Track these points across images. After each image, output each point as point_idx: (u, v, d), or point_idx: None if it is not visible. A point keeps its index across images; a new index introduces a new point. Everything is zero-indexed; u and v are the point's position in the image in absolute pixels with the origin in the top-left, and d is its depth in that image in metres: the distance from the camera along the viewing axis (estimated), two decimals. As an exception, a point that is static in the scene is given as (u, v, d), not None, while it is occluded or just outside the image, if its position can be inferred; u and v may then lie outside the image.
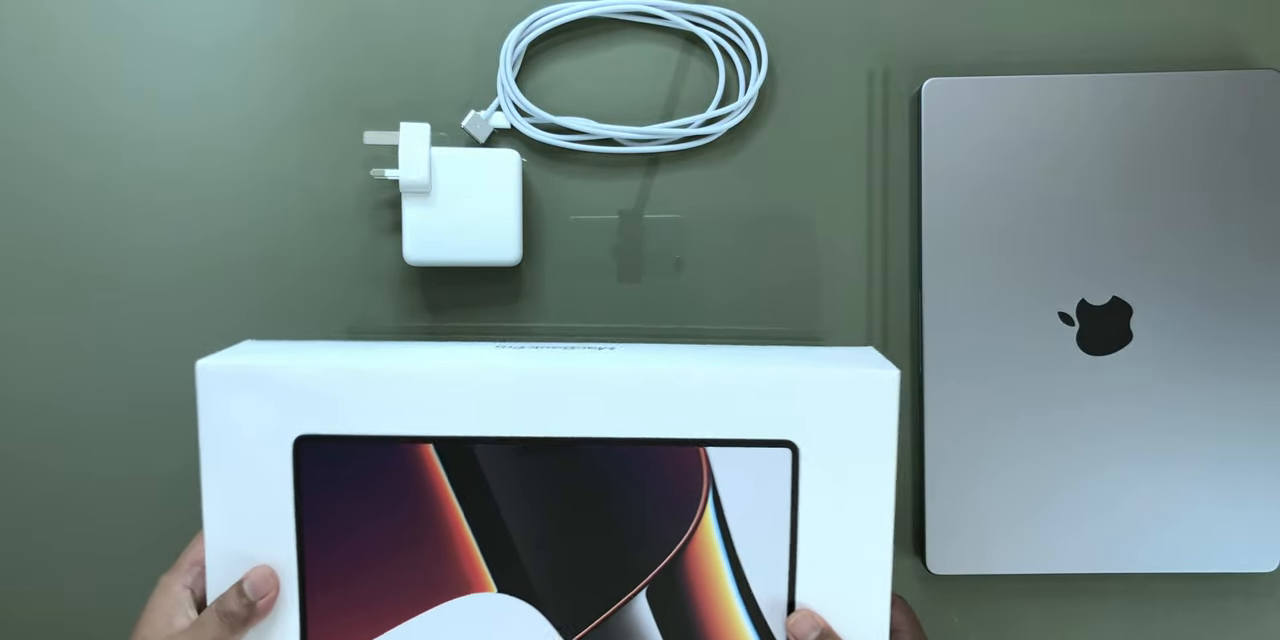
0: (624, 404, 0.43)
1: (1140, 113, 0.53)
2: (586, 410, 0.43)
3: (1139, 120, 0.53)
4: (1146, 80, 0.53)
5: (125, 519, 0.55)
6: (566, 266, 0.55)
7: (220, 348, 0.45)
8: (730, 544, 0.44)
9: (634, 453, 0.43)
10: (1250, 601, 0.56)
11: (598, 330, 0.55)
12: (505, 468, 0.43)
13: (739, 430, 0.43)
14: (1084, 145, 0.52)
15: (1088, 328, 0.53)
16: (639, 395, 0.43)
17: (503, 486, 0.43)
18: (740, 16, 0.54)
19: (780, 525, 0.44)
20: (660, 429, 0.43)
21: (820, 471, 0.43)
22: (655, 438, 0.43)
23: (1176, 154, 0.52)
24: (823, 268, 0.55)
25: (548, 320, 0.55)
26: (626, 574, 0.44)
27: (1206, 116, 0.52)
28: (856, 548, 0.43)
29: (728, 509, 0.44)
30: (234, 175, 0.55)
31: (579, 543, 0.44)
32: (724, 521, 0.44)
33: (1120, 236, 0.53)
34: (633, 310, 0.55)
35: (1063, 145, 0.52)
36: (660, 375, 0.43)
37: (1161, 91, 0.52)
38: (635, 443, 0.43)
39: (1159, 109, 0.52)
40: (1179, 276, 0.53)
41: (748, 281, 0.55)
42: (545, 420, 0.43)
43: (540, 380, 0.43)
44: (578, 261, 0.55)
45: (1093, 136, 0.52)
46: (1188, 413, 0.53)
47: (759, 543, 0.44)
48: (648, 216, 0.55)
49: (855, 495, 0.43)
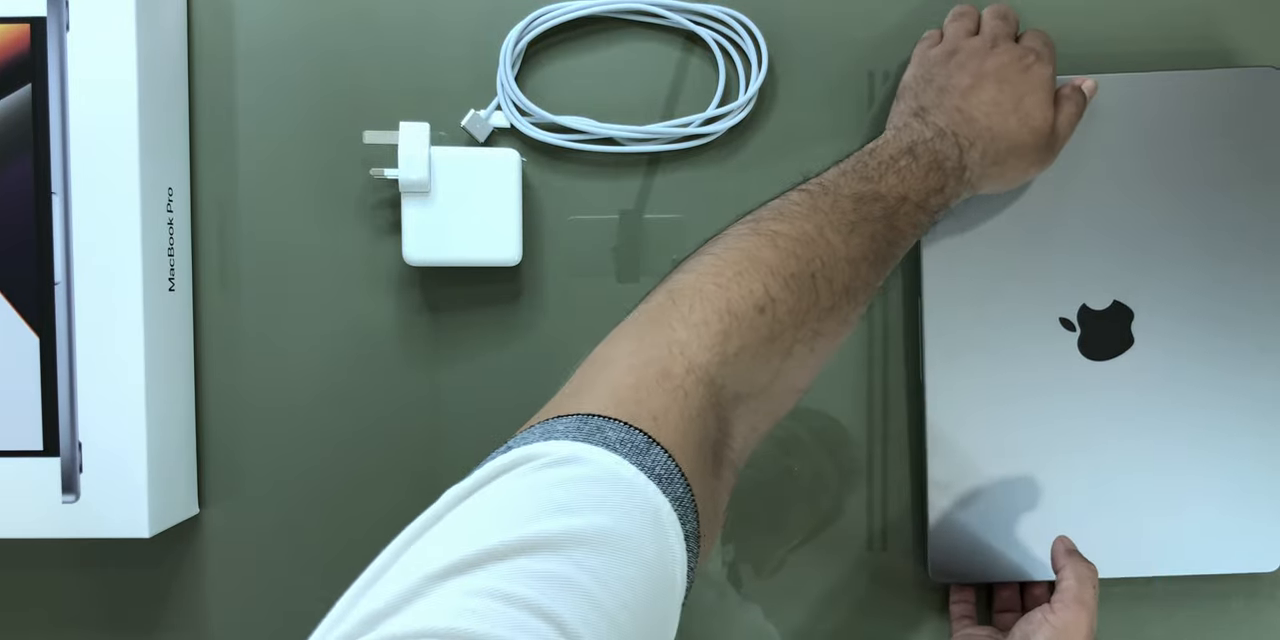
0: None
1: (1139, 113, 0.52)
2: None
3: (1138, 121, 0.52)
4: (1145, 80, 0.52)
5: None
6: (566, 266, 0.55)
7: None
8: None
9: None
10: (1251, 602, 0.56)
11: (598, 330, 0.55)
12: None
13: None
14: (1082, 148, 0.52)
15: (1089, 333, 0.52)
16: None
17: None
18: (741, 16, 0.54)
19: None
20: None
21: None
22: None
23: (1176, 155, 0.52)
24: (823, 268, 0.55)
25: (548, 320, 0.55)
26: None
27: (1206, 116, 0.52)
28: None
29: None
30: (234, 175, 0.54)
31: None
32: None
33: (1121, 239, 0.52)
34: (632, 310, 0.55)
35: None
36: None
37: (1160, 92, 0.52)
38: None
39: (1157, 109, 0.52)
40: (1180, 279, 0.52)
41: (748, 281, 0.55)
42: None
43: None
44: (578, 261, 0.55)
45: (1091, 139, 0.52)
46: (1189, 416, 0.53)
47: None
48: (648, 216, 0.55)
49: None
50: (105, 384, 0.49)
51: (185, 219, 0.54)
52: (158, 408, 0.51)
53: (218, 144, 0.55)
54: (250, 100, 0.54)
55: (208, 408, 0.55)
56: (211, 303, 0.55)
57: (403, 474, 0.55)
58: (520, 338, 0.55)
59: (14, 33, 0.49)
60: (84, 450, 0.50)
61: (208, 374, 0.55)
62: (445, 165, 0.51)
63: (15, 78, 0.49)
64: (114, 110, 0.49)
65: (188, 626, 0.55)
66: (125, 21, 0.49)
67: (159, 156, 0.51)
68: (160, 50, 0.52)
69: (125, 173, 0.49)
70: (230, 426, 0.55)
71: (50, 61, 0.49)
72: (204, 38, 0.54)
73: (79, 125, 0.49)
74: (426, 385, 0.55)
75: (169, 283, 0.52)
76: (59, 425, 0.49)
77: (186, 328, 0.54)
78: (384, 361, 0.55)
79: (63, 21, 0.49)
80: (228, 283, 0.55)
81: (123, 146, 0.49)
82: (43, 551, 0.55)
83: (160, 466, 0.51)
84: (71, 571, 0.55)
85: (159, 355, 0.51)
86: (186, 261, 0.54)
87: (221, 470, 0.55)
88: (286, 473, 0.55)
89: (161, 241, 0.52)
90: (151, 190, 0.50)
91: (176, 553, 0.55)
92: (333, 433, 0.55)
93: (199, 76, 0.54)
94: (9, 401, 0.49)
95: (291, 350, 0.55)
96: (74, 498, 0.50)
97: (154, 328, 0.50)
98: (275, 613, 0.55)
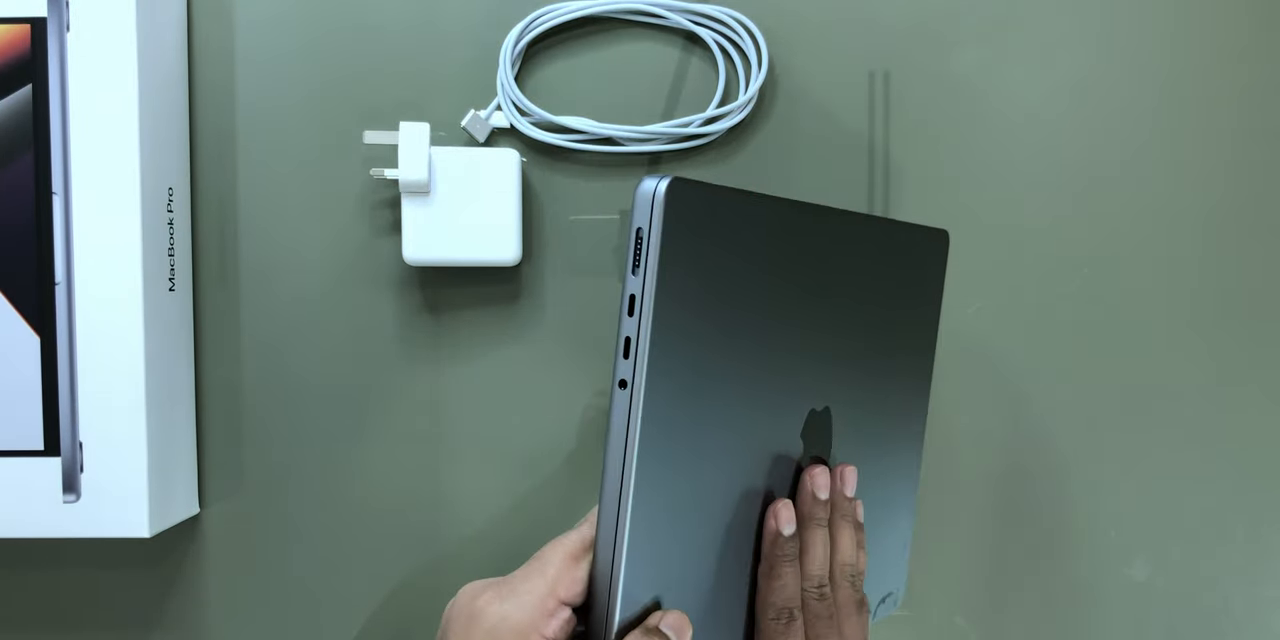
0: None
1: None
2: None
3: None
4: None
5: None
6: (566, 266, 0.55)
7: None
8: None
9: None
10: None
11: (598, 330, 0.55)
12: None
13: None
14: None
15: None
16: None
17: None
18: (741, 16, 0.54)
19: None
20: None
21: None
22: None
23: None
24: (823, 267, 0.55)
25: (548, 320, 0.55)
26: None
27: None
28: None
29: None
30: (234, 175, 0.55)
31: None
32: None
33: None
34: (633, 310, 0.55)
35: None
36: None
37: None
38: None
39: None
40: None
41: (748, 281, 0.55)
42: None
43: None
44: (578, 261, 0.55)
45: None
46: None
47: None
48: (648, 216, 0.55)
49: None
50: (105, 384, 0.49)
51: (185, 219, 0.54)
52: (158, 408, 0.51)
53: (218, 144, 0.55)
54: (250, 100, 0.54)
55: (208, 408, 0.55)
56: (211, 302, 0.55)
57: (403, 474, 0.55)
58: (520, 338, 0.55)
59: (14, 33, 0.49)
60: (84, 450, 0.50)
61: (208, 374, 0.55)
62: (445, 165, 0.51)
63: (15, 78, 0.49)
64: (114, 110, 0.49)
65: (188, 626, 0.56)
66: (125, 21, 0.49)
67: (159, 156, 0.51)
68: (160, 50, 0.52)
69: (125, 173, 0.49)
70: (230, 426, 0.55)
71: (50, 61, 0.49)
72: (204, 38, 0.54)
73: (79, 125, 0.49)
74: (426, 385, 0.55)
75: (169, 282, 0.52)
76: (59, 425, 0.49)
77: (186, 327, 0.54)
78: (384, 361, 0.55)
79: (63, 21, 0.49)
80: (228, 283, 0.55)
81: (123, 146, 0.49)
82: (43, 551, 0.55)
83: (160, 466, 0.51)
84: (71, 571, 0.55)
85: (159, 355, 0.51)
86: (186, 261, 0.54)
87: (221, 470, 0.55)
88: (286, 473, 0.55)
89: (161, 241, 0.52)
90: (151, 190, 0.50)
91: (177, 553, 0.55)
92: (333, 433, 0.55)
93: (199, 76, 0.55)
94: (9, 401, 0.49)
95: (291, 350, 0.55)
96: (74, 497, 0.50)
97: (154, 327, 0.50)
98: (275, 613, 0.55)
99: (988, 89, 0.56)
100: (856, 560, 0.43)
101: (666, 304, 0.35)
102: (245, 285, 0.55)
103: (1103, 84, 0.56)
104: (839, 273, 0.43)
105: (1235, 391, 0.57)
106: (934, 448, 0.56)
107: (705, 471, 0.39)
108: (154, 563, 0.55)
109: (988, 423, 0.56)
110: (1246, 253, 0.57)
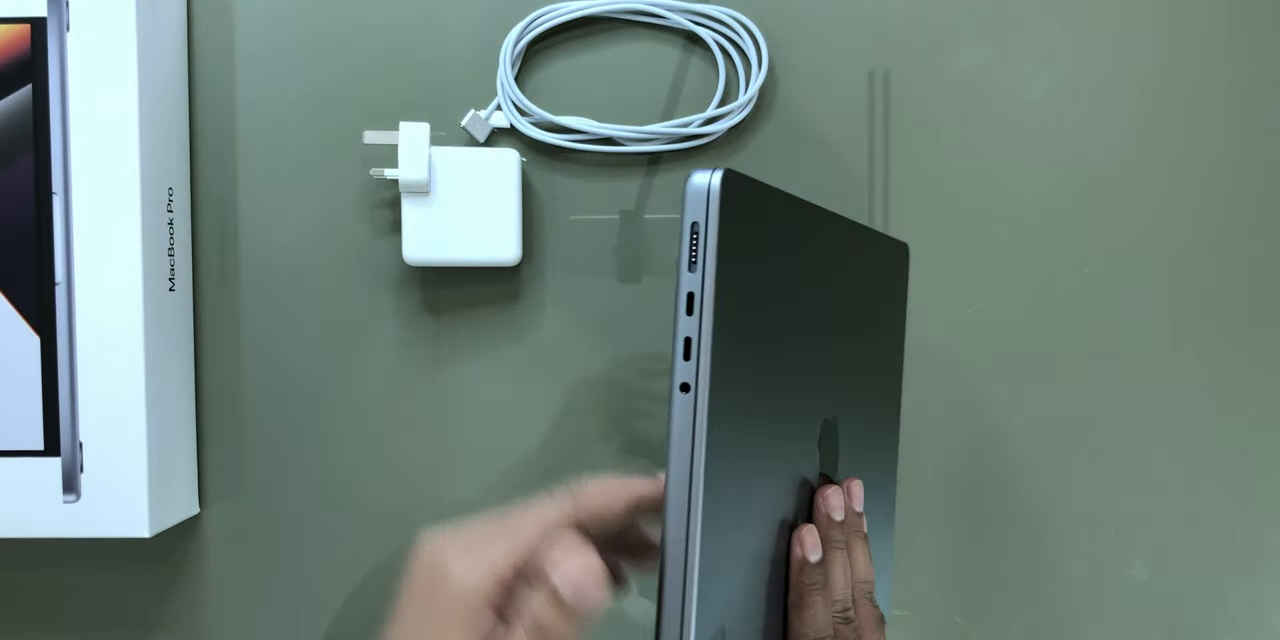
0: None
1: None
2: None
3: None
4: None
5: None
6: (566, 266, 0.55)
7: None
8: None
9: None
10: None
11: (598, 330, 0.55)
12: None
13: None
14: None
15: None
16: None
17: None
18: (741, 16, 0.54)
19: None
20: None
21: None
22: None
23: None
24: (823, 267, 0.55)
25: (548, 320, 0.55)
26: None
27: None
28: None
29: None
30: (234, 175, 0.55)
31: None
32: None
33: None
34: (633, 310, 0.55)
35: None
36: None
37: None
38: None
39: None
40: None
41: (748, 281, 0.55)
42: None
43: None
44: (578, 261, 0.55)
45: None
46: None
47: None
48: (648, 216, 0.55)
49: None
50: (105, 384, 0.49)
51: (185, 219, 0.54)
52: (158, 408, 0.51)
53: (218, 144, 0.55)
54: (250, 100, 0.54)
55: (208, 408, 0.55)
56: (211, 302, 0.55)
57: (403, 474, 0.55)
58: (520, 338, 0.55)
59: (14, 33, 0.49)
60: (84, 450, 0.50)
61: (208, 374, 0.55)
62: (445, 165, 0.51)
63: (15, 78, 0.49)
64: (114, 110, 0.49)
65: (188, 626, 0.56)
66: (125, 21, 0.49)
67: (159, 156, 0.51)
68: (160, 50, 0.52)
69: (125, 173, 0.49)
70: (230, 426, 0.55)
71: (50, 61, 0.49)
72: (204, 37, 0.54)
73: (79, 125, 0.49)
74: (426, 385, 0.55)
75: (169, 282, 0.52)
76: (59, 425, 0.49)
77: (186, 327, 0.54)
78: (384, 361, 0.55)
79: (63, 21, 0.49)
80: (228, 283, 0.55)
81: (123, 146, 0.49)
82: (43, 551, 0.55)
83: (160, 466, 0.51)
84: (71, 571, 0.55)
85: (159, 355, 0.51)
86: (186, 261, 0.54)
87: (221, 470, 0.55)
88: (286, 472, 0.55)
89: (161, 241, 0.52)
90: (151, 190, 0.50)
91: (177, 553, 0.55)
92: (333, 433, 0.55)
93: (199, 76, 0.55)
94: (10, 401, 0.49)
95: (291, 350, 0.55)
96: (74, 497, 0.50)
97: (154, 327, 0.50)
98: (275, 613, 0.55)
99: (988, 89, 0.56)
100: (870, 576, 0.43)
101: (725, 301, 0.33)
102: (245, 285, 0.55)
103: (1103, 84, 0.56)
104: (843, 276, 0.43)
105: (1235, 391, 0.57)
106: (934, 447, 0.56)
107: (753, 484, 0.36)
108: (154, 563, 0.55)
109: (988, 423, 0.56)
110: (1247, 252, 0.57)
